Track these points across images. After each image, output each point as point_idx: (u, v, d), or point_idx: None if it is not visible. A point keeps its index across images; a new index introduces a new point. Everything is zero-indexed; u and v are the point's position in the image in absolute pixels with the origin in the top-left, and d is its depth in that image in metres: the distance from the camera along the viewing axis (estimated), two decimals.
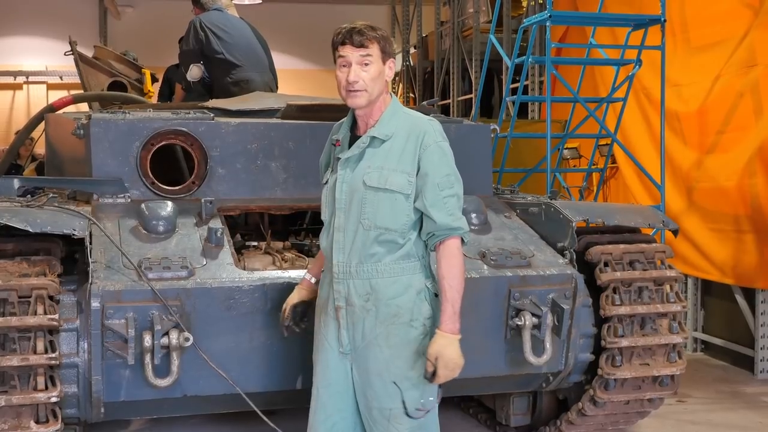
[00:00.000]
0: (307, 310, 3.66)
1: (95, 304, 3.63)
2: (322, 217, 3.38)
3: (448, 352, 3.15)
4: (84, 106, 7.24)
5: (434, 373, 3.16)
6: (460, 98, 13.38)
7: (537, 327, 4.11)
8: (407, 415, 3.23)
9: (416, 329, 3.24)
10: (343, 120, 3.43)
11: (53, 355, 3.56)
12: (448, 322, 3.18)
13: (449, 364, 3.15)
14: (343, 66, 3.22)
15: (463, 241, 3.27)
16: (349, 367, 3.30)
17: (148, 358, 3.64)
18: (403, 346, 3.23)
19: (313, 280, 3.64)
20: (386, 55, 3.24)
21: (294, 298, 3.66)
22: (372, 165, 3.23)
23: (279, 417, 4.10)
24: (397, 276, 3.23)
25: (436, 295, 3.29)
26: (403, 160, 3.21)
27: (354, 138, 3.33)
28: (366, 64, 3.19)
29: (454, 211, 3.23)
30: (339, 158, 3.30)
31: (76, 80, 7.70)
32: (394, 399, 3.23)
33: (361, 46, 3.18)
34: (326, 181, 3.38)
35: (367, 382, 3.26)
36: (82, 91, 6.98)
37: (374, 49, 3.20)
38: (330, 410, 3.34)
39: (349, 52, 3.19)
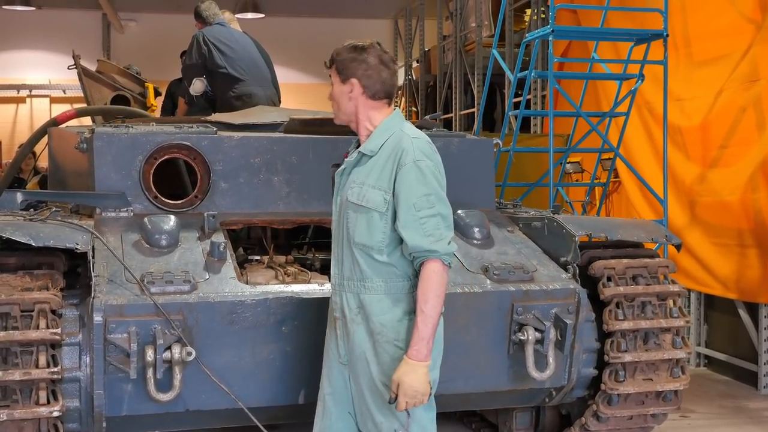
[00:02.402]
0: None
1: (97, 318, 3.62)
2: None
3: (409, 380, 3.05)
4: (87, 120, 7.26)
5: (396, 398, 3.07)
6: (462, 112, 13.40)
7: (540, 342, 4.10)
8: None
9: (401, 350, 3.15)
10: None
11: (55, 370, 3.55)
12: (413, 348, 3.07)
13: (408, 392, 3.05)
14: None
15: (448, 264, 3.14)
16: (347, 376, 3.32)
17: (150, 372, 3.63)
18: (390, 363, 3.16)
19: None
20: (343, 75, 3.25)
21: None
22: (356, 180, 3.25)
23: None
24: (383, 294, 3.19)
25: None
26: (381, 178, 3.18)
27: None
28: (332, 84, 3.30)
29: (434, 232, 3.11)
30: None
31: (80, 94, 7.72)
32: (383, 413, 3.21)
33: (329, 68, 3.31)
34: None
35: (359, 393, 3.28)
36: (85, 105, 7.00)
37: (333, 71, 3.29)
38: (334, 417, 3.36)
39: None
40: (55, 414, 3.56)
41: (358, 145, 3.34)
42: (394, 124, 3.27)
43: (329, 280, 4.12)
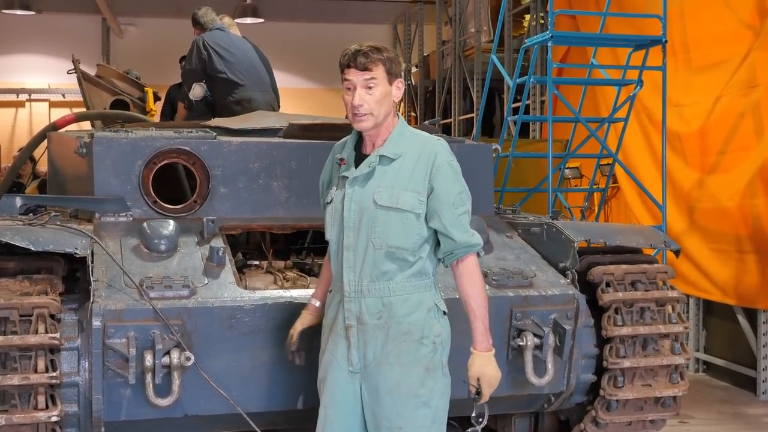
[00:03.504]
0: (314, 335, 3.63)
1: (96, 323, 3.62)
2: (327, 237, 3.37)
3: (488, 371, 3.26)
4: (86, 125, 7.26)
5: (478, 392, 3.25)
6: (461, 117, 13.41)
7: (539, 347, 4.10)
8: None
9: (426, 347, 3.25)
10: (346, 138, 3.43)
11: (54, 374, 3.55)
12: (482, 341, 3.27)
13: (492, 381, 3.26)
14: (349, 89, 3.21)
15: (478, 254, 3.32)
16: (359, 386, 3.29)
17: (149, 377, 3.63)
18: (413, 363, 3.23)
19: (318, 304, 3.62)
20: (392, 76, 3.22)
21: (301, 323, 3.64)
22: (382, 184, 3.22)
23: None
24: (409, 294, 3.24)
25: (445, 313, 3.31)
26: (413, 180, 3.22)
27: (360, 157, 3.32)
28: (370, 87, 3.18)
29: (468, 228, 3.27)
30: (345, 176, 3.29)
31: (79, 98, 7.73)
32: (404, 417, 3.22)
33: (365, 69, 3.17)
34: (330, 200, 3.36)
35: (377, 401, 3.25)
36: (84, 110, 6.99)
37: (379, 72, 3.18)
38: (337, 430, 3.32)
39: (353, 75, 3.18)
40: (54, 419, 3.55)
41: (357, 150, 3.32)
42: (406, 127, 3.34)
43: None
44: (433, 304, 3.28)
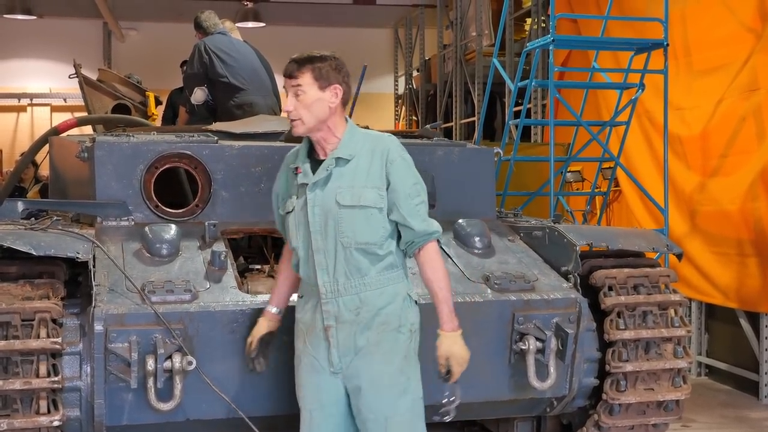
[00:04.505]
0: (271, 341, 3.72)
1: (98, 327, 3.62)
2: (293, 246, 3.45)
3: (456, 350, 3.36)
4: (88, 129, 7.26)
5: (448, 372, 3.34)
6: (462, 121, 13.41)
7: (541, 351, 4.10)
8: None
9: (403, 335, 3.37)
10: (297, 147, 3.51)
11: (56, 379, 3.55)
12: (448, 322, 3.37)
13: (460, 360, 3.36)
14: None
15: (438, 242, 3.42)
16: (342, 385, 3.36)
17: (150, 381, 3.63)
18: (392, 353, 3.34)
19: (275, 311, 3.70)
20: (323, 81, 3.30)
21: (260, 330, 3.70)
22: (342, 185, 3.32)
23: None
24: (383, 287, 3.34)
25: (416, 302, 3.43)
26: (371, 177, 3.32)
27: (314, 163, 3.40)
28: (298, 95, 3.30)
29: (426, 217, 3.38)
30: (305, 183, 3.37)
31: (80, 103, 7.72)
32: (389, 406, 3.31)
33: (291, 76, 3.31)
34: (291, 209, 3.44)
35: (360, 396, 3.33)
36: (86, 114, 6.99)
37: (305, 78, 3.29)
38: None
39: (286, 82, 3.34)
40: (56, 423, 3.55)
41: (311, 157, 3.40)
42: (356, 129, 3.44)
43: None
44: (406, 293, 3.40)
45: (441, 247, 3.57)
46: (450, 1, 14.06)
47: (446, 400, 3.53)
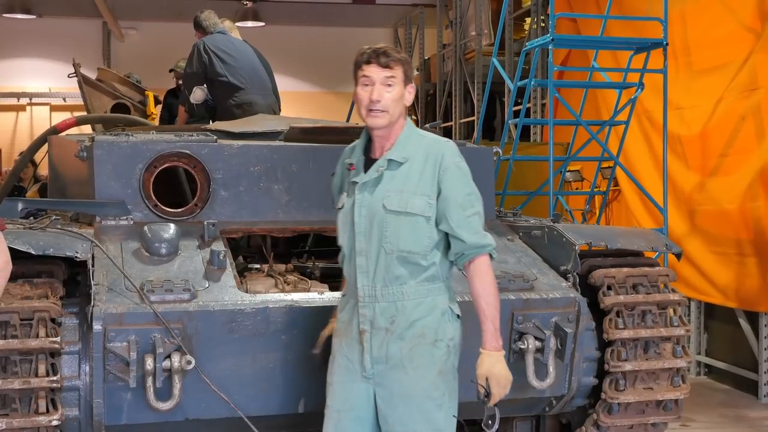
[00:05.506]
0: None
1: (97, 326, 3.62)
2: (340, 242, 3.37)
3: (497, 370, 3.20)
4: (87, 128, 7.26)
5: (487, 394, 3.19)
6: (462, 121, 13.42)
7: (540, 351, 4.10)
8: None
9: (440, 349, 3.24)
10: (355, 143, 3.42)
11: (55, 378, 3.55)
12: (492, 341, 3.22)
13: (501, 381, 3.20)
14: (366, 85, 3.22)
15: (491, 257, 3.29)
16: (372, 391, 3.27)
17: (149, 381, 3.62)
18: (427, 367, 3.23)
19: None
20: (407, 79, 3.26)
21: (329, 330, 3.60)
22: (391, 188, 3.23)
23: None
24: (422, 298, 3.24)
25: (458, 317, 3.31)
26: (422, 183, 3.23)
27: (369, 161, 3.32)
28: (389, 85, 3.21)
29: (479, 229, 3.26)
30: (355, 182, 3.29)
31: (80, 102, 7.73)
32: (418, 422, 3.22)
33: (387, 66, 3.20)
34: (341, 206, 3.36)
35: (390, 406, 3.24)
36: (85, 113, 7.00)
37: (398, 72, 3.22)
38: None
39: (374, 71, 3.21)
40: (55, 423, 3.55)
41: (366, 154, 3.32)
42: (414, 130, 3.35)
43: (329, 289, 4.14)
44: (447, 307, 3.28)
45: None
46: (449, 0, 14.06)
47: (484, 422, 3.24)
